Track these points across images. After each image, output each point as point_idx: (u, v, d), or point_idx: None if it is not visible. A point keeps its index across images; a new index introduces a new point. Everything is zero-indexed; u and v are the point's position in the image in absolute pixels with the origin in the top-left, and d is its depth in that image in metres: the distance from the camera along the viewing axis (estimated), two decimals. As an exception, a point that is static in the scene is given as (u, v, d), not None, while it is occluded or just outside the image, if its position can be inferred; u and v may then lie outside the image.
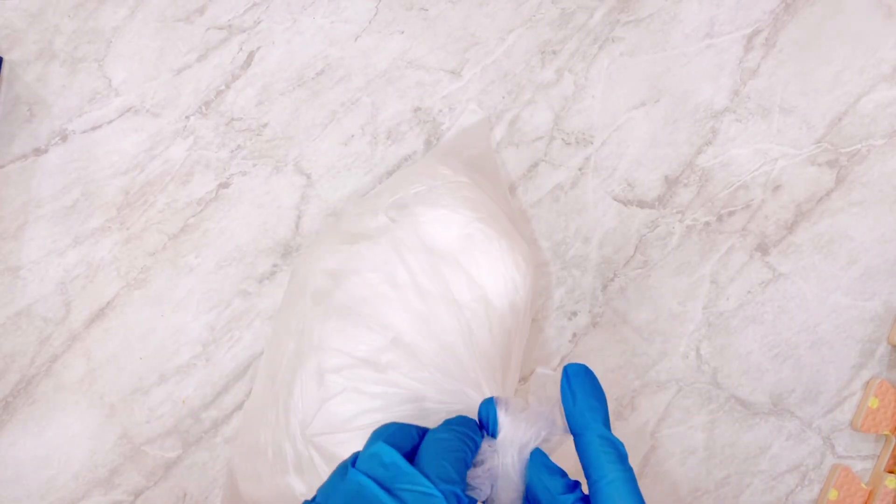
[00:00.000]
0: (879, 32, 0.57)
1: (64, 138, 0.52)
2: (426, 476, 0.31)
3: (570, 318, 0.55)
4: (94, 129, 0.52)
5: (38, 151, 0.52)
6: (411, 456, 0.33)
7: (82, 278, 0.52)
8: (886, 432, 0.57)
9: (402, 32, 0.54)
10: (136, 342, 0.52)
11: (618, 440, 0.35)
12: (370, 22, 0.54)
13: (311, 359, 0.43)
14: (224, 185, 0.53)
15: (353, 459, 0.33)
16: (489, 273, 0.44)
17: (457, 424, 0.35)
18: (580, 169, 0.55)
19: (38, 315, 0.51)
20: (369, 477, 0.31)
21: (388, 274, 0.43)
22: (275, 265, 0.53)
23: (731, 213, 0.56)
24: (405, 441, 0.34)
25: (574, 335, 0.55)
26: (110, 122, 0.52)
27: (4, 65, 0.51)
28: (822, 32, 0.57)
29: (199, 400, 0.52)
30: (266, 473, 0.44)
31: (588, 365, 0.55)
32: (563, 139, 0.55)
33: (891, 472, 0.57)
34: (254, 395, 0.49)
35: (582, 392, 0.36)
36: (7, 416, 0.51)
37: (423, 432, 0.35)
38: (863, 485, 0.57)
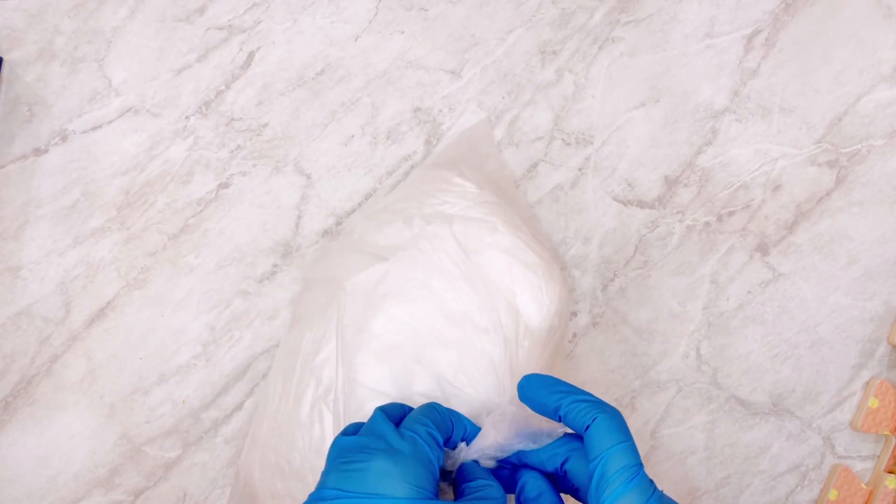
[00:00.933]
0: (879, 33, 0.57)
1: (64, 138, 0.52)
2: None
3: (570, 319, 0.55)
4: (94, 129, 0.52)
5: (38, 151, 0.52)
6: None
7: (82, 278, 0.52)
8: (886, 432, 0.57)
9: (402, 32, 0.54)
10: (136, 342, 0.52)
11: (583, 392, 0.36)
12: (370, 22, 0.54)
13: (350, 394, 0.42)
14: (224, 186, 0.53)
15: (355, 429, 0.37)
16: (530, 302, 0.43)
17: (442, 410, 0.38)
18: (580, 169, 0.55)
19: (39, 315, 0.51)
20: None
21: (430, 296, 0.42)
22: (275, 265, 0.53)
23: (731, 214, 0.56)
24: (396, 412, 0.37)
25: (574, 335, 0.55)
26: (110, 122, 0.52)
27: (4, 65, 0.51)
28: (822, 33, 0.57)
29: (198, 400, 0.52)
30: (304, 497, 0.43)
31: (588, 365, 0.55)
32: (563, 139, 0.55)
33: (891, 472, 0.57)
34: (273, 412, 0.47)
35: (533, 388, 0.38)
36: (7, 416, 0.51)
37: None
38: (863, 485, 0.57)
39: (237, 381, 0.52)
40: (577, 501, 0.37)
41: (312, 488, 0.42)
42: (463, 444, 0.38)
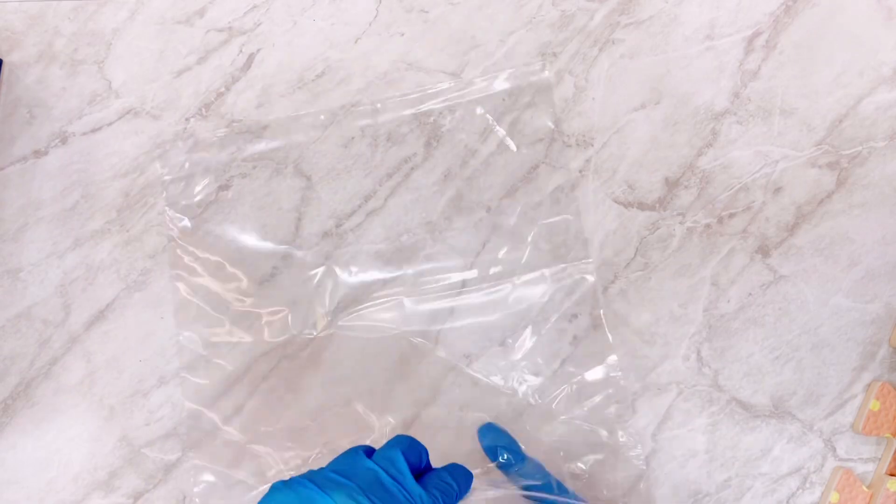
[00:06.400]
0: (880, 35, 0.57)
1: (64, 140, 0.52)
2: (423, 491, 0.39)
3: (570, 321, 0.55)
4: (94, 131, 0.52)
5: (38, 153, 0.52)
6: (414, 471, 0.41)
7: (82, 280, 0.52)
8: (888, 435, 0.57)
9: (403, 34, 0.54)
10: (136, 344, 0.52)
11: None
12: (370, 24, 0.54)
13: None
14: (224, 188, 0.53)
15: (367, 451, 0.40)
16: None
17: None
18: (581, 171, 0.55)
19: (38, 317, 0.51)
20: (384, 471, 0.38)
21: None
22: (275, 267, 0.53)
23: (731, 215, 0.56)
24: (415, 458, 0.41)
25: (574, 337, 0.55)
26: (110, 124, 0.52)
27: (4, 67, 0.51)
28: (823, 34, 0.57)
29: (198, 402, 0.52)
30: None
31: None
32: (563, 141, 0.55)
33: (892, 474, 0.57)
34: None
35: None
36: (7, 419, 0.51)
37: (427, 456, 0.42)
38: (864, 488, 0.57)
39: (237, 383, 0.52)
40: None
41: None
42: None
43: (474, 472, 0.45)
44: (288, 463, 0.51)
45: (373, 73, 0.54)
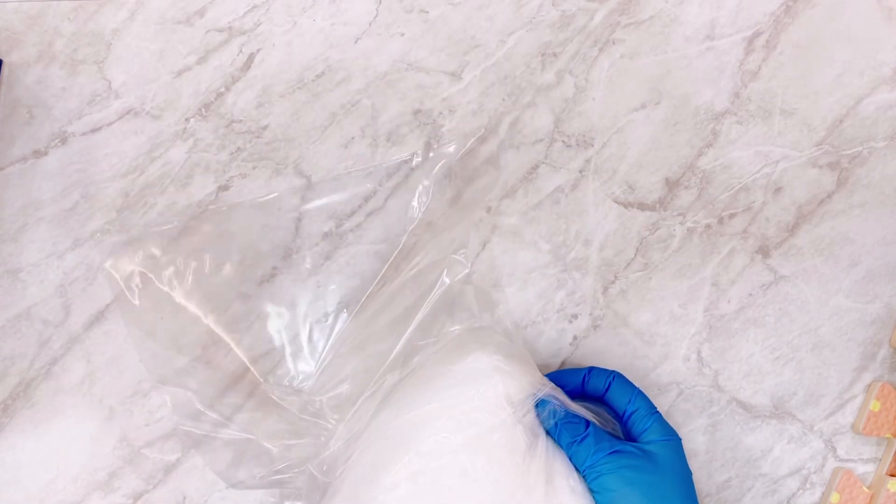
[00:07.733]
0: (880, 35, 0.57)
1: (63, 140, 0.52)
2: None
3: (570, 321, 0.55)
4: (93, 131, 0.52)
5: (37, 154, 0.52)
6: None
7: (82, 281, 0.52)
8: (888, 435, 0.57)
9: (403, 35, 0.54)
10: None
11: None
12: (370, 24, 0.54)
13: None
14: (224, 188, 0.53)
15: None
16: None
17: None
18: (581, 171, 0.55)
19: (38, 318, 0.51)
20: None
21: None
22: (274, 268, 0.53)
23: (732, 216, 0.56)
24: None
25: (575, 338, 0.55)
26: (110, 124, 0.52)
27: (4, 67, 0.51)
28: (823, 35, 0.57)
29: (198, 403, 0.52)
30: None
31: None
32: (563, 141, 0.55)
33: (893, 475, 0.57)
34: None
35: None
36: (6, 419, 0.51)
37: None
38: (865, 488, 0.57)
39: (237, 383, 0.52)
40: None
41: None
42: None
43: None
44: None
45: (373, 73, 0.54)
